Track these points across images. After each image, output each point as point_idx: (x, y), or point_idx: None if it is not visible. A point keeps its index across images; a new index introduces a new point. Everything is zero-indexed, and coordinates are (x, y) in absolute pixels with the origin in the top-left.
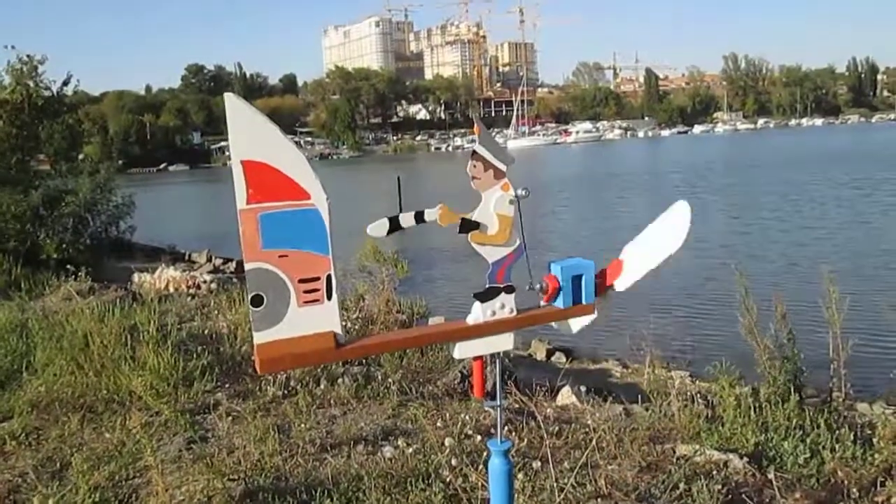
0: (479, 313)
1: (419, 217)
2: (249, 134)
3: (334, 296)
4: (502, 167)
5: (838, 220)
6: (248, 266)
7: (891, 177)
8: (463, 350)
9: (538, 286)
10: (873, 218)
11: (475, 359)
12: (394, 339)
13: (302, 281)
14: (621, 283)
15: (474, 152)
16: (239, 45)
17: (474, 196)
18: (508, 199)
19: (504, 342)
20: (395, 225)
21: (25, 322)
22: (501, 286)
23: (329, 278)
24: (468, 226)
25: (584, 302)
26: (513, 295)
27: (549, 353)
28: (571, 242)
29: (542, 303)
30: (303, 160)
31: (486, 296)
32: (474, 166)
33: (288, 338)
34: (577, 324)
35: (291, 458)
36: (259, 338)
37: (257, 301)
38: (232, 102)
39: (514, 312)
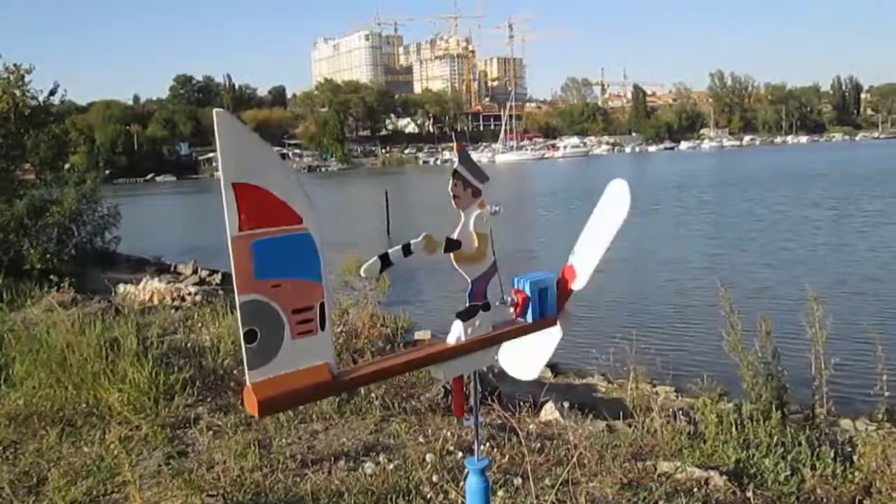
0: (460, 332)
1: (406, 250)
2: (241, 155)
3: (328, 325)
4: (479, 185)
5: (815, 240)
6: (241, 299)
7: (864, 195)
8: (449, 372)
9: (509, 300)
10: (851, 239)
11: (455, 378)
12: (388, 366)
13: (296, 311)
14: (578, 283)
15: (455, 171)
16: (228, 57)
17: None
18: (485, 216)
19: (483, 359)
20: (385, 262)
21: (3, 334)
22: (480, 304)
23: (322, 306)
24: (452, 245)
25: (548, 314)
26: (489, 312)
27: None
28: (551, 254)
29: (515, 317)
30: (295, 181)
31: (467, 314)
32: (455, 185)
33: (283, 374)
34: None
35: (272, 473)
36: (253, 377)
37: (251, 337)
38: (222, 120)
39: (490, 329)
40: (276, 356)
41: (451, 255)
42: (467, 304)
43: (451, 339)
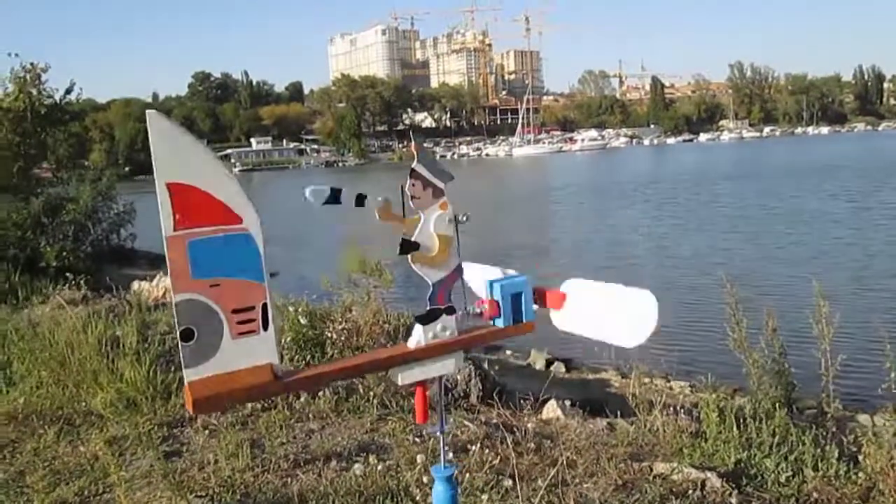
0: (420, 336)
1: (360, 200)
2: (174, 154)
3: (271, 325)
4: (441, 185)
5: (833, 234)
6: (176, 298)
7: (885, 187)
8: (406, 376)
9: (472, 310)
10: (870, 233)
11: (417, 384)
12: (338, 368)
13: (235, 311)
14: (560, 321)
15: (413, 170)
16: (246, 53)
17: (481, 205)
18: (447, 218)
19: (447, 366)
20: (335, 197)
21: (6, 332)
22: (443, 308)
23: (265, 307)
24: (408, 247)
25: (524, 320)
26: (453, 317)
27: (549, 363)
28: (556, 253)
29: (483, 322)
30: (234, 181)
31: (427, 318)
32: (413, 185)
33: (222, 373)
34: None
35: (263, 473)
36: (191, 375)
37: (188, 335)
38: (154, 120)
39: (455, 334)
40: (214, 355)
41: (410, 257)
42: (427, 308)
43: (412, 343)
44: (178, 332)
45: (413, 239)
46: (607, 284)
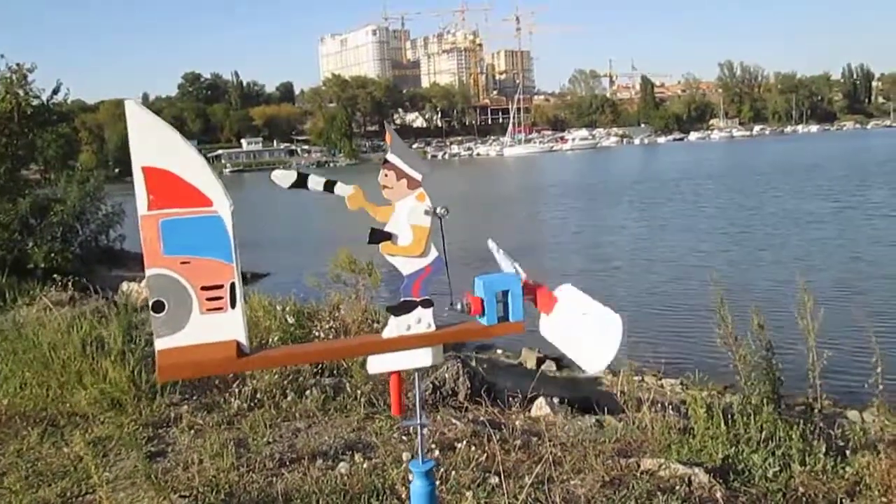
0: (393, 327)
1: (329, 186)
2: (150, 141)
3: (238, 304)
4: (417, 176)
5: (816, 234)
6: (148, 272)
7: (872, 185)
8: (376, 365)
9: (459, 305)
10: (852, 234)
11: (391, 374)
12: (299, 351)
13: (204, 288)
14: (545, 328)
15: (386, 161)
16: (236, 54)
17: (470, 205)
18: (424, 209)
19: (421, 358)
20: (301, 181)
21: None
22: (417, 300)
23: (233, 286)
24: (378, 236)
25: (511, 320)
26: (430, 309)
27: (540, 362)
28: (550, 252)
29: (470, 318)
30: (206, 167)
31: (400, 309)
32: (385, 175)
33: (189, 345)
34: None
35: (248, 473)
36: (160, 344)
37: (158, 307)
38: (132, 110)
39: (432, 328)
40: (183, 328)
41: (380, 246)
42: (401, 299)
43: (385, 334)
44: (149, 304)
45: (386, 229)
46: (591, 300)
